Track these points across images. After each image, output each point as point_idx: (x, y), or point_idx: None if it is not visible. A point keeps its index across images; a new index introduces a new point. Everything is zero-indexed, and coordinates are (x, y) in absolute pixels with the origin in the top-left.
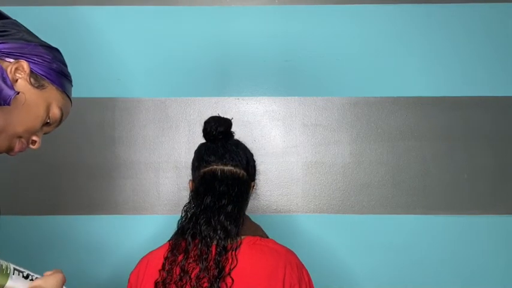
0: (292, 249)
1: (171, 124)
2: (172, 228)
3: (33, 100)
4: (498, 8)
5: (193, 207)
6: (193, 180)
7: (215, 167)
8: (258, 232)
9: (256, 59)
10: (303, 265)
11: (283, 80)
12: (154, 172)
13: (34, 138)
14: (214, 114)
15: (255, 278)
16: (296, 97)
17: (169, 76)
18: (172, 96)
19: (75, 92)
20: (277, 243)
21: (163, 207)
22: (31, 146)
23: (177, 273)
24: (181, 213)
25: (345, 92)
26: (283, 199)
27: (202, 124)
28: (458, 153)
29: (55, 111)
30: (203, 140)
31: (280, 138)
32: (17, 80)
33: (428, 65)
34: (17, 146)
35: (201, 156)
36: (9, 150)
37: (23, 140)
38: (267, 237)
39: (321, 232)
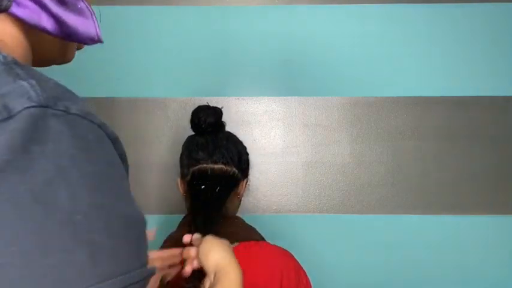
0: (291, 250)
1: (171, 124)
2: (172, 228)
3: None
4: (500, 7)
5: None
6: (182, 178)
7: (205, 165)
8: (253, 236)
9: (256, 58)
10: (300, 267)
11: (283, 80)
12: (155, 172)
13: None
14: None
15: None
16: (296, 97)
17: (169, 76)
18: (172, 96)
19: (75, 92)
20: (273, 246)
21: (163, 207)
22: None
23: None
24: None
25: (345, 92)
26: (283, 199)
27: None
28: (458, 153)
29: None
30: None
31: (280, 138)
32: None
33: (428, 64)
34: None
35: (189, 153)
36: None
37: None
38: (263, 238)
39: (321, 232)
